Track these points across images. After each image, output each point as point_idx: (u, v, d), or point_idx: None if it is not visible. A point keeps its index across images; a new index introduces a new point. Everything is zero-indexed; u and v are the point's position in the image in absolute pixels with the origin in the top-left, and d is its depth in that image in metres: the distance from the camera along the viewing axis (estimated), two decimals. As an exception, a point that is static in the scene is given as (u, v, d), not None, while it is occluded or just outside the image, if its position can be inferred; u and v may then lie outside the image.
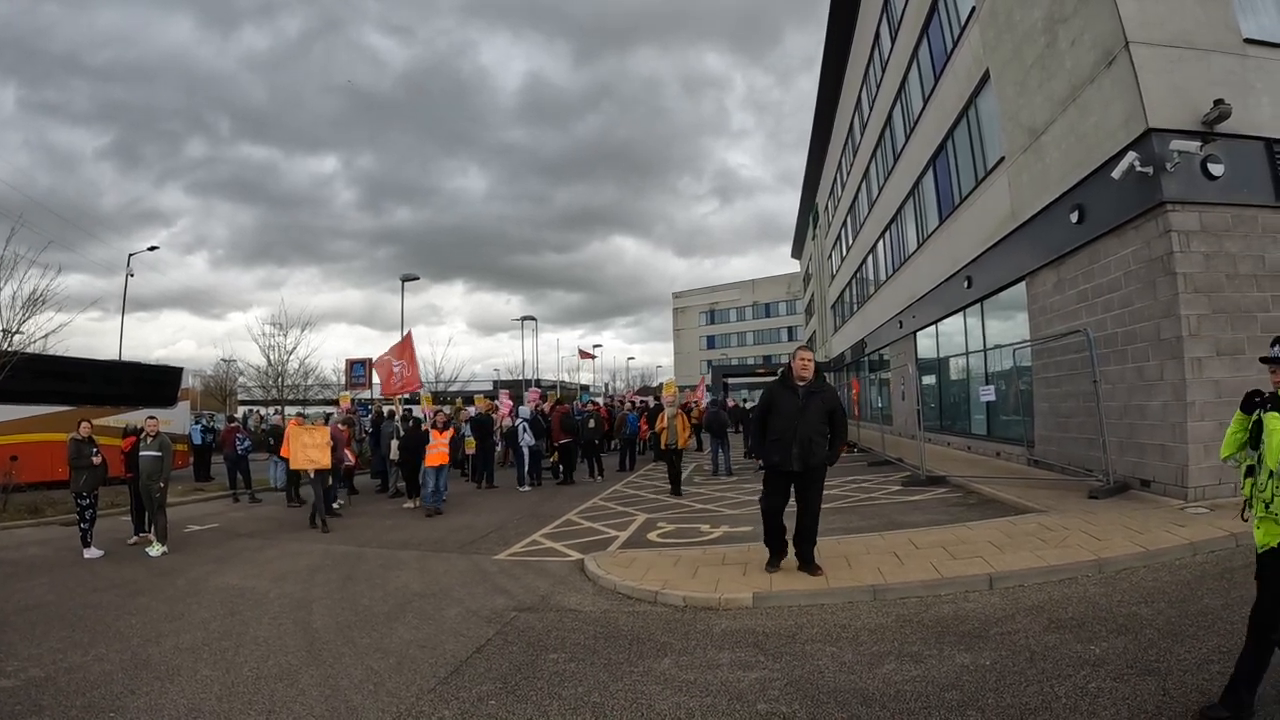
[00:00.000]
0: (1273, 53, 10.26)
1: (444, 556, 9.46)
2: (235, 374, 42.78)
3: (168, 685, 5.11)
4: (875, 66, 27.59)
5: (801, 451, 7.02)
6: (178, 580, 8.43)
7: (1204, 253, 9.61)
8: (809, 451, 7.04)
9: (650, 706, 4.51)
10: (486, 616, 6.61)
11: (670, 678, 4.99)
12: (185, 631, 6.41)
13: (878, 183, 28.72)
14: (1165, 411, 9.77)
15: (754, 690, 4.69)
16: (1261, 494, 3.66)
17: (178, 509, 14.15)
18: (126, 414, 17.55)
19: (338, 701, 4.75)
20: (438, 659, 5.52)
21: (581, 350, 63.87)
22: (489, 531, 11.24)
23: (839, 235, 41.58)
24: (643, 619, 6.40)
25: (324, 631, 6.32)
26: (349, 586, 7.94)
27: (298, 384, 33.38)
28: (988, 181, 16.31)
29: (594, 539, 10.22)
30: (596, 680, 4.98)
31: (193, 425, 21.54)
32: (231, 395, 44.79)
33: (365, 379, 32.36)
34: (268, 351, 30.83)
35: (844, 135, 37.16)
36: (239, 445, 16.04)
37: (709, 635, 5.87)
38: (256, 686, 5.06)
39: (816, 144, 46.09)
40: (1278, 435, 3.59)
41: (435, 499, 13.54)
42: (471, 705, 4.62)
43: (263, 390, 36.11)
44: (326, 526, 11.85)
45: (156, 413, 12.27)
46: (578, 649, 5.64)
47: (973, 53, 16.45)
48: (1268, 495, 3.60)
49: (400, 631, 6.25)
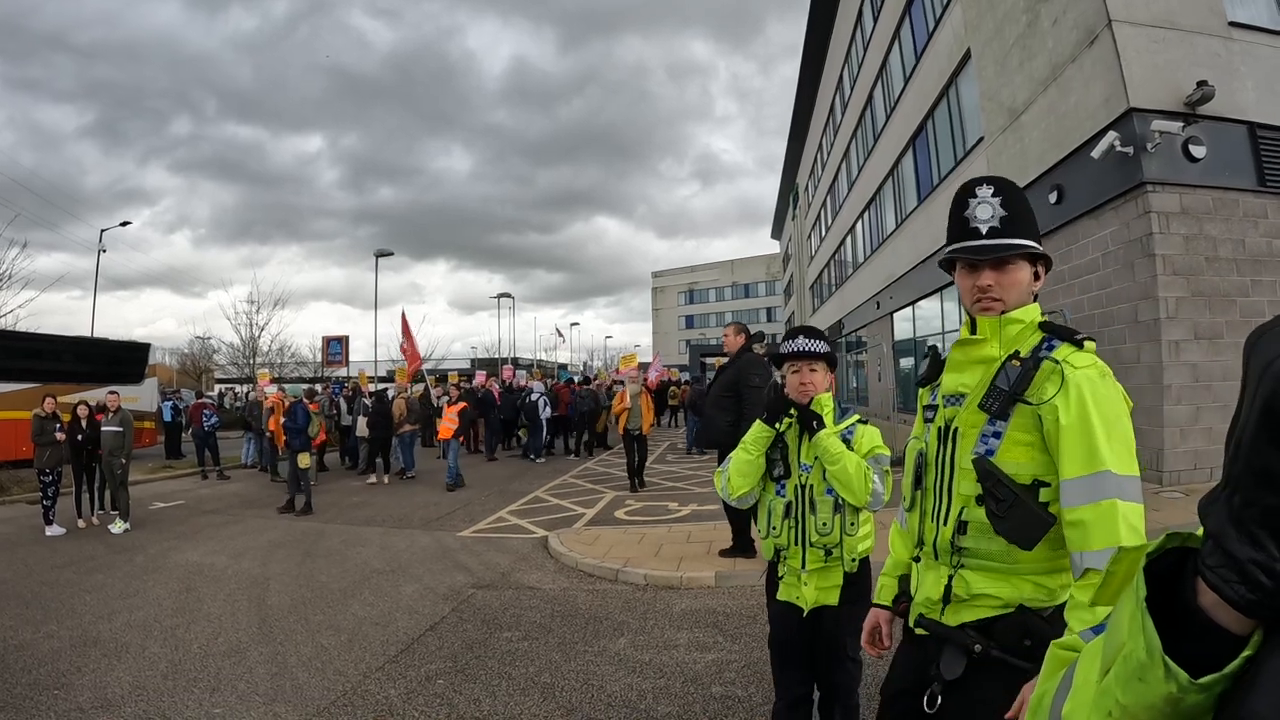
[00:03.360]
0: (1258, 37, 10.23)
1: (407, 533, 9.37)
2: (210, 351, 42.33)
3: (114, 662, 5.03)
4: (857, 46, 27.42)
5: (703, 427, 6.95)
6: (137, 557, 8.31)
7: (1184, 235, 9.58)
8: (707, 427, 6.95)
9: (601, 688, 4.48)
10: (443, 594, 6.54)
11: (625, 658, 4.95)
12: (138, 608, 6.30)
13: (858, 163, 28.62)
14: (1141, 394, 9.77)
15: (710, 672, 4.66)
16: None
17: (145, 486, 14.01)
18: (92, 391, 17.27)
19: (284, 679, 4.69)
20: (389, 637, 5.45)
21: (558, 329, 63.85)
22: (455, 508, 11.15)
23: (818, 216, 41.46)
24: (602, 598, 6.35)
25: (277, 608, 6.23)
26: (308, 563, 7.84)
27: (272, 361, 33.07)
28: (967, 161, 16.25)
29: (561, 516, 10.16)
30: (549, 660, 4.94)
31: (163, 402, 21.27)
32: (207, 373, 44.37)
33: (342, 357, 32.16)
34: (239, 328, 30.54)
35: (825, 115, 36.98)
36: (206, 422, 15.84)
37: (668, 615, 5.84)
38: (203, 664, 4.98)
39: (797, 124, 45.88)
40: None
41: (449, 474, 13.44)
42: (419, 684, 4.55)
43: (236, 368, 35.84)
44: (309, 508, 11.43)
45: (123, 390, 12.05)
46: (533, 627, 5.59)
47: (954, 32, 16.35)
48: None
49: (354, 608, 6.17)
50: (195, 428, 16.14)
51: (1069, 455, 1.67)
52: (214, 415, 16.17)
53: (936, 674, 1.83)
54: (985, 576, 1.80)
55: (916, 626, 1.95)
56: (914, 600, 1.99)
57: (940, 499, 1.89)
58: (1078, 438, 1.66)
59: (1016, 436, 1.76)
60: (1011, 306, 1.89)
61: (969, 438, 1.84)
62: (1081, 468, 1.65)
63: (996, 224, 1.86)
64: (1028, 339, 1.86)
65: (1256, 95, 9.91)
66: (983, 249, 1.86)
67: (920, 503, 1.98)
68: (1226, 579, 0.51)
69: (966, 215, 1.90)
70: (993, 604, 1.79)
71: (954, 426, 1.89)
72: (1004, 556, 1.77)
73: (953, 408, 1.92)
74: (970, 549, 1.81)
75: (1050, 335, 1.84)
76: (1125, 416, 1.70)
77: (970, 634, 1.80)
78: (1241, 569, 0.50)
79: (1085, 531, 1.62)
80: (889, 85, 23.00)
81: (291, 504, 11.20)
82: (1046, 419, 1.71)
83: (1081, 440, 1.65)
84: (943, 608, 1.87)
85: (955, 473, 1.85)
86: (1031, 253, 1.89)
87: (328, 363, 34.50)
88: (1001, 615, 1.79)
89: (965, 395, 1.90)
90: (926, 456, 1.97)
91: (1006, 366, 1.82)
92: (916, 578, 2.02)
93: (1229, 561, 0.51)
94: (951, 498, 1.86)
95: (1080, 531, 1.63)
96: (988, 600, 1.80)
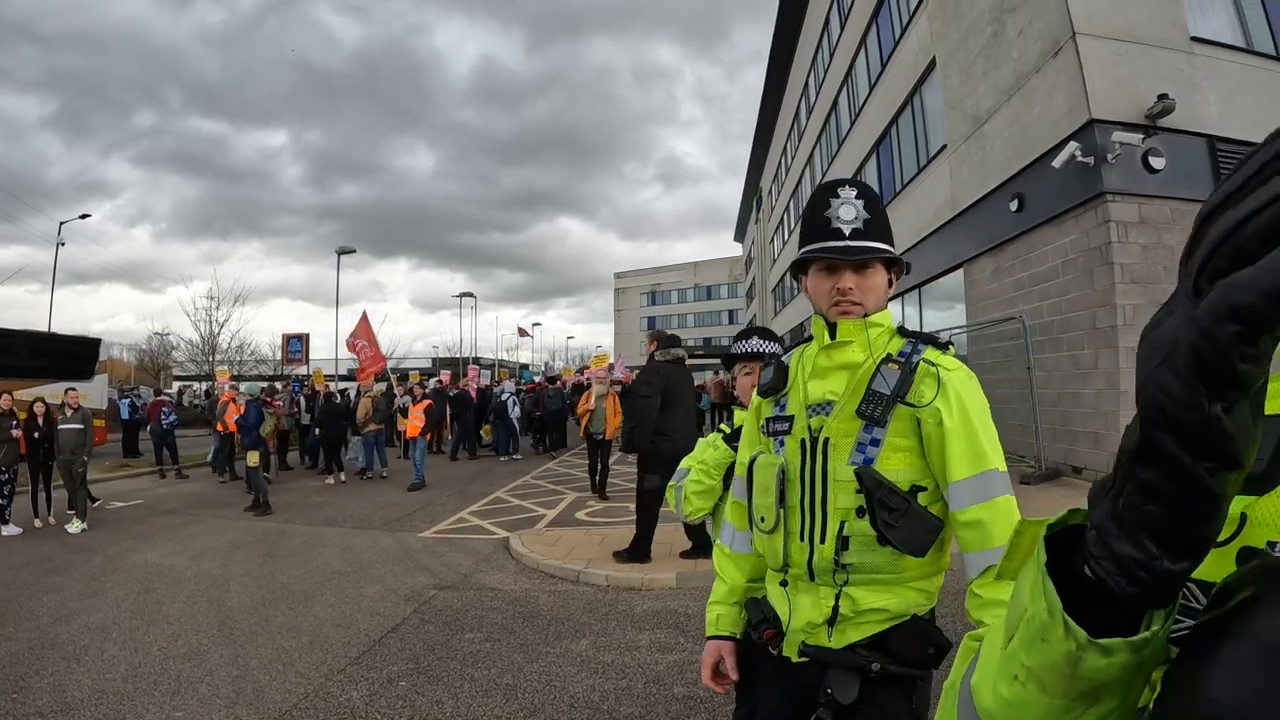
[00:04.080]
0: (1220, 52, 10.55)
1: (368, 534, 9.37)
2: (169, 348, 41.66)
3: (73, 665, 5.00)
4: (824, 52, 27.71)
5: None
6: (95, 558, 8.21)
7: (1142, 244, 9.86)
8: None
9: (564, 689, 4.54)
10: (405, 595, 6.57)
11: (587, 659, 5.02)
12: (97, 610, 6.25)
13: (821, 168, 28.90)
14: (1099, 400, 10.03)
15: (672, 673, 4.74)
16: None
17: (102, 485, 13.77)
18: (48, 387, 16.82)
19: (245, 682, 4.70)
20: (351, 638, 5.47)
21: (520, 328, 63.57)
22: (416, 509, 11.14)
23: (781, 220, 41.76)
24: (564, 599, 6.42)
25: (238, 610, 6.21)
26: (269, 564, 7.81)
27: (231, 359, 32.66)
28: (929, 169, 16.54)
29: (522, 517, 10.21)
30: (511, 661, 4.99)
31: (120, 400, 20.90)
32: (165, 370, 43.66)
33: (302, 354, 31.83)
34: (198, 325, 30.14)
35: (790, 120, 37.30)
36: (165, 420, 15.63)
37: (630, 616, 5.91)
38: (164, 666, 4.97)
39: (762, 128, 46.24)
40: None
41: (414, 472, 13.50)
42: (381, 686, 4.59)
43: (195, 365, 35.33)
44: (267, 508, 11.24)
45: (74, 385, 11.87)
46: (495, 629, 5.64)
47: (920, 41, 16.62)
48: None
49: (316, 610, 6.18)
50: (154, 425, 15.92)
51: (956, 457, 1.64)
52: (172, 413, 15.97)
53: (828, 700, 1.73)
54: (873, 590, 1.73)
55: (801, 656, 1.83)
56: (790, 629, 1.86)
57: (812, 516, 1.78)
58: (963, 439, 1.64)
59: (896, 442, 1.71)
60: (871, 310, 1.82)
61: (842, 447, 1.74)
62: (970, 468, 1.63)
63: (860, 226, 1.79)
64: (890, 343, 1.80)
65: (1218, 109, 10.22)
66: (848, 250, 1.78)
67: (784, 522, 1.84)
68: (1109, 571, 0.52)
69: (828, 215, 1.81)
70: (881, 618, 1.73)
71: (824, 437, 1.77)
72: (890, 567, 1.71)
73: (819, 417, 1.80)
74: (855, 564, 1.73)
75: (913, 339, 1.80)
76: (990, 414, 1.70)
77: (863, 654, 1.73)
78: (1122, 565, 0.52)
79: (984, 531, 1.60)
80: (854, 92, 23.27)
81: (257, 503, 11.17)
82: (927, 422, 1.68)
83: (967, 441, 1.63)
84: (829, 630, 1.77)
85: (830, 486, 1.75)
86: (889, 257, 1.83)
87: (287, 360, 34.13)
88: (893, 627, 1.74)
89: (834, 403, 1.79)
90: (789, 472, 1.83)
91: (883, 370, 1.74)
92: (785, 604, 1.89)
93: (1111, 555, 0.52)
94: (827, 513, 1.75)
95: (978, 531, 1.61)
96: (876, 615, 1.73)
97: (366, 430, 14.77)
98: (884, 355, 1.76)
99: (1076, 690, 0.56)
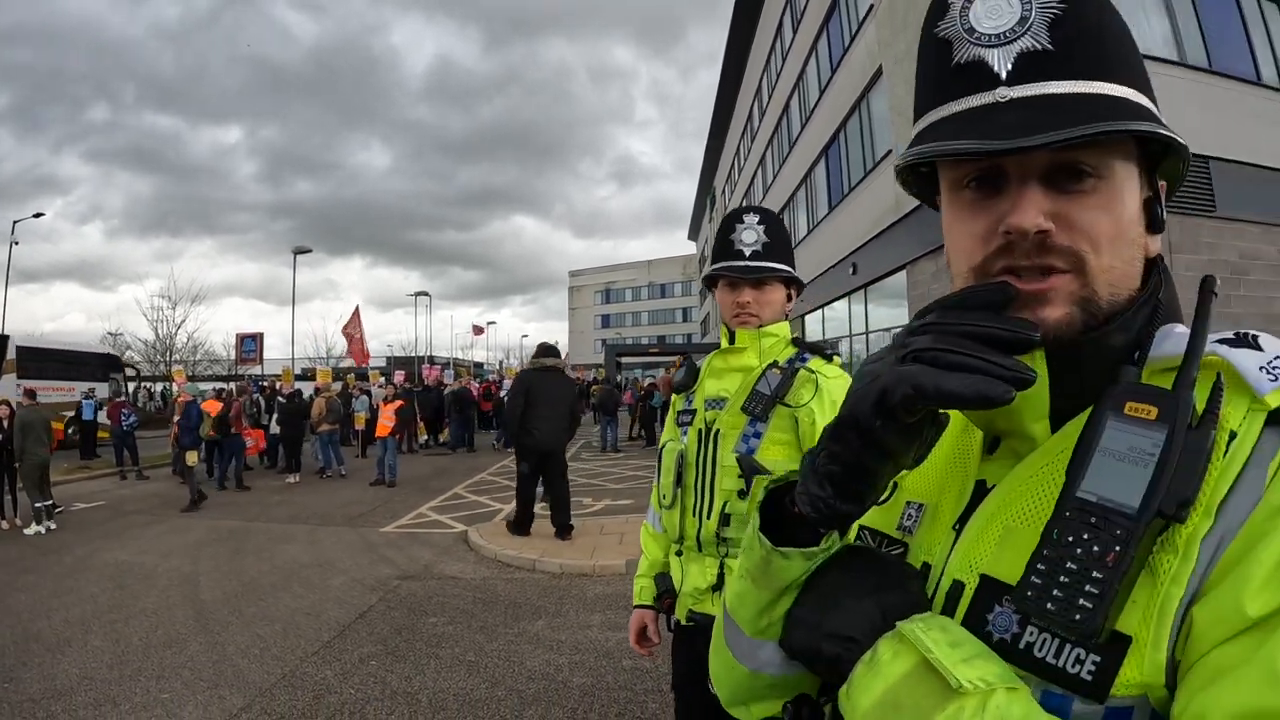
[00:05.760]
0: (1151, 65, 10.93)
1: (332, 530, 9.70)
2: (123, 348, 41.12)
3: (59, 656, 5.30)
4: (777, 56, 28.28)
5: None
6: (65, 557, 8.43)
7: None
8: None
9: (522, 664, 4.99)
10: (370, 585, 6.96)
11: (543, 638, 5.46)
12: (74, 606, 6.52)
13: (773, 169, 29.54)
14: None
15: (621, 648, 5.19)
16: None
17: (63, 487, 13.81)
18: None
19: (225, 666, 5.06)
20: (321, 625, 5.86)
21: (475, 326, 63.39)
22: (378, 505, 11.50)
23: (742, 218, 42.25)
24: (520, 585, 6.87)
25: (211, 602, 6.56)
26: (237, 559, 8.13)
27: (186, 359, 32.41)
28: (875, 173, 17.10)
29: (479, 511, 10.60)
30: (473, 641, 5.42)
31: (84, 400, 20.72)
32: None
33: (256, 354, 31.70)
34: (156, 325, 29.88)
35: (743, 122, 37.87)
36: (124, 421, 15.69)
37: (582, 599, 6.37)
38: (146, 654, 5.29)
39: (716, 129, 46.73)
40: None
41: (387, 471, 13.76)
42: (352, 666, 4.99)
43: (150, 365, 34.96)
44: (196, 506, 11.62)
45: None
46: (457, 613, 6.07)
47: (868, 49, 17.18)
48: None
49: (286, 600, 6.55)
50: (114, 427, 15.95)
51: None
52: (132, 414, 16.02)
53: None
54: None
55: (688, 621, 2.12)
56: (681, 593, 2.15)
57: (703, 496, 2.07)
58: None
59: (775, 436, 1.98)
60: (767, 322, 2.12)
61: (730, 438, 2.03)
62: None
63: (758, 248, 2.07)
64: (782, 351, 2.11)
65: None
66: (745, 269, 2.07)
67: (681, 500, 2.14)
68: (802, 502, 0.71)
69: (732, 238, 2.10)
70: None
71: (715, 428, 2.07)
72: None
73: (714, 411, 2.11)
74: (734, 539, 2.00)
75: (802, 349, 2.10)
76: None
77: None
78: (810, 499, 0.70)
79: None
80: (805, 96, 23.85)
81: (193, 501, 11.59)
82: (803, 421, 1.94)
83: None
84: (713, 596, 2.03)
85: (718, 470, 2.04)
86: (786, 276, 2.14)
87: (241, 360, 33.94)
88: None
89: (726, 399, 2.09)
90: (687, 457, 2.14)
91: (767, 374, 2.02)
92: (679, 572, 2.17)
93: (805, 492, 0.70)
94: (714, 494, 2.04)
95: None
96: None
97: (320, 430, 15.04)
98: (771, 361, 2.06)
99: (772, 585, 0.74)
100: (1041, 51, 0.64)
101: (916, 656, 0.60)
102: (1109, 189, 0.66)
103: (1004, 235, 0.66)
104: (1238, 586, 0.54)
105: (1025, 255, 0.65)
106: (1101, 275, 0.66)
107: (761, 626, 0.77)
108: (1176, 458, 0.56)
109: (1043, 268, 0.66)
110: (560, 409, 8.48)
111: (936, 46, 0.69)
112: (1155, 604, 0.57)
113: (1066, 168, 0.65)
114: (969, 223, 0.70)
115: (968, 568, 0.69)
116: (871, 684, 0.62)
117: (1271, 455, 0.58)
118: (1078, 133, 0.59)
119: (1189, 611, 0.56)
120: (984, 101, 0.65)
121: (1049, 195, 0.65)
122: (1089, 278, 0.66)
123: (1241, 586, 0.53)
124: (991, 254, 0.67)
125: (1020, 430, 0.71)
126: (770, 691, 0.82)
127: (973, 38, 0.66)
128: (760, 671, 0.80)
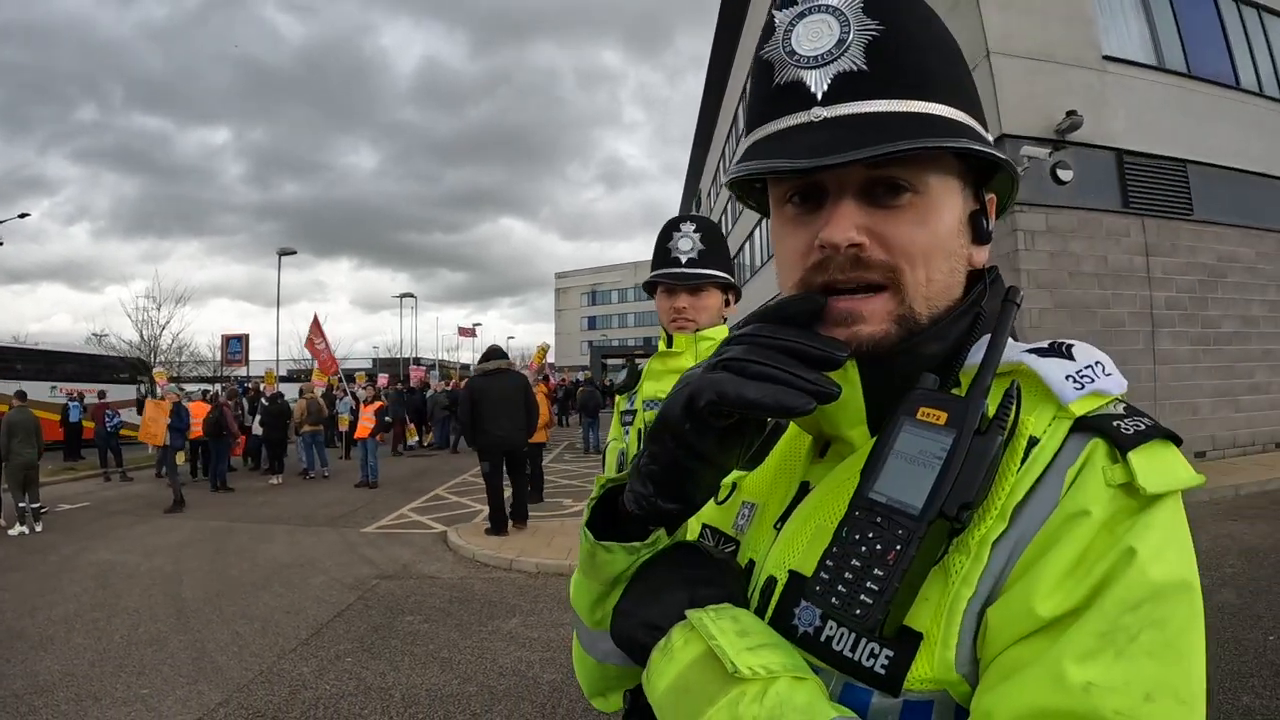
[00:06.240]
0: (1130, 70, 11.30)
1: (313, 530, 9.85)
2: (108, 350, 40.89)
3: (42, 653, 5.43)
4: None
5: None
6: (50, 557, 8.55)
7: (1049, 251, 10.62)
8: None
9: (494, 661, 5.15)
10: (349, 584, 7.12)
11: (516, 635, 5.63)
12: (58, 604, 6.65)
13: (758, 171, 29.51)
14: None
15: (591, 645, 5.35)
16: None
17: (48, 489, 13.84)
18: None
19: (204, 662, 5.21)
20: (300, 623, 6.02)
21: (461, 328, 63.13)
22: (359, 505, 11.65)
23: (720, 221, 42.43)
24: (496, 584, 7.03)
25: (193, 601, 6.70)
26: (219, 559, 8.26)
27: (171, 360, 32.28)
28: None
29: (460, 512, 10.72)
30: (448, 638, 5.58)
31: (71, 402, 20.71)
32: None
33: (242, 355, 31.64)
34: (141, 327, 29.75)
35: (729, 124, 37.88)
36: (108, 422, 15.76)
37: (557, 598, 6.52)
38: (128, 651, 5.44)
39: (702, 132, 46.67)
40: None
41: (369, 472, 13.94)
42: (329, 662, 5.16)
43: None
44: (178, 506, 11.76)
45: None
46: (433, 611, 6.23)
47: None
48: None
49: (266, 599, 6.70)
50: (98, 428, 16.01)
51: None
52: (116, 415, 16.10)
53: None
54: None
55: None
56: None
57: None
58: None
59: None
60: (703, 326, 2.18)
61: None
62: None
63: (695, 255, 2.13)
64: None
65: (1126, 124, 11.01)
66: (681, 276, 2.13)
67: None
68: (629, 499, 0.73)
69: (669, 246, 2.16)
70: None
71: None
72: None
73: (652, 411, 2.14)
74: None
75: None
76: None
77: None
78: (635, 496, 0.72)
79: None
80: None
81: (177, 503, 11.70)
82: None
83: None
84: None
85: None
86: (723, 282, 2.20)
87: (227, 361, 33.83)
88: None
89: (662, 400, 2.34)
90: (627, 455, 2.24)
91: None
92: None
93: (631, 490, 0.73)
94: None
95: None
96: None
97: (303, 431, 15.18)
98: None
99: (600, 577, 0.77)
100: (857, 73, 0.65)
101: (703, 644, 0.64)
102: (924, 203, 0.68)
103: (819, 249, 0.67)
104: (1030, 588, 0.57)
105: (840, 270, 0.68)
106: (918, 289, 0.68)
107: (597, 618, 0.81)
108: (961, 462, 0.60)
109: (859, 282, 0.68)
110: (514, 406, 8.78)
111: (761, 68, 0.71)
112: (945, 603, 0.60)
113: (883, 183, 0.67)
114: (791, 238, 0.72)
115: (781, 564, 0.73)
116: (666, 669, 0.65)
117: (1071, 462, 0.61)
118: (881, 150, 0.61)
119: (984, 612, 0.59)
120: (799, 121, 0.67)
121: (864, 210, 0.67)
122: (905, 293, 0.68)
123: (1033, 589, 0.57)
124: (810, 268, 0.69)
125: (840, 435, 0.75)
126: (618, 682, 0.87)
127: (793, 59, 0.67)
128: (605, 663, 0.85)
